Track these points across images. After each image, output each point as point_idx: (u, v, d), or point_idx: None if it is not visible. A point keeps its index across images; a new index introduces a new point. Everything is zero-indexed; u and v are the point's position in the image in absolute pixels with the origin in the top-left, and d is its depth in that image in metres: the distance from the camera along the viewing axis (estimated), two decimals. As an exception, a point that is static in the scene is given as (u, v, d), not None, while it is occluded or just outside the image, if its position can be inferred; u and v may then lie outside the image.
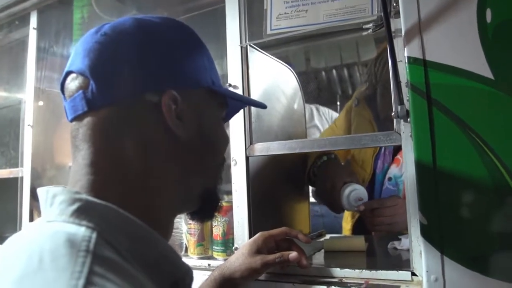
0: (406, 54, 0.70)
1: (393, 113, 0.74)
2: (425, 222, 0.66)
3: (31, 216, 1.32)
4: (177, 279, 0.49)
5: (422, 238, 0.67)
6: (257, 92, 0.98)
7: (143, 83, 0.51)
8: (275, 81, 1.13)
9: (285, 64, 1.21)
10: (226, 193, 1.01)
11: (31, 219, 1.31)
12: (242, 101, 0.72)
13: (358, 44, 2.38)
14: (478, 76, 0.66)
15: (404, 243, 0.94)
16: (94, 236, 0.40)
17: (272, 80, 1.11)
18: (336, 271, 0.79)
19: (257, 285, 0.81)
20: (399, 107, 0.72)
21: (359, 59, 2.44)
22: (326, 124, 2.20)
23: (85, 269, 0.36)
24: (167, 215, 0.54)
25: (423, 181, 0.68)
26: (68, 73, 0.52)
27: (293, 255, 0.77)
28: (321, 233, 1.18)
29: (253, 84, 0.96)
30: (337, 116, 2.26)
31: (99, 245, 0.39)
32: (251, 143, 0.93)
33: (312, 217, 1.27)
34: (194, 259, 0.99)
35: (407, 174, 0.73)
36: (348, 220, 1.40)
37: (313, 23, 0.89)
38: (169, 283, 0.48)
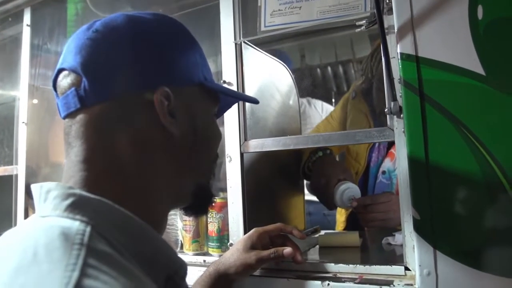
0: (399, 50, 0.71)
1: (386, 109, 0.74)
2: (418, 217, 0.67)
3: (26, 213, 1.31)
4: (171, 272, 0.49)
5: (415, 233, 0.67)
6: (251, 89, 0.99)
7: (136, 80, 0.51)
8: (270, 78, 1.13)
9: (279, 61, 1.22)
10: (221, 190, 1.02)
11: (26, 216, 1.31)
12: (234, 97, 0.72)
13: (352, 41, 2.39)
14: (469, 72, 0.66)
15: (397, 238, 0.95)
16: (88, 230, 0.41)
17: (266, 76, 1.11)
18: (330, 266, 0.79)
19: (252, 280, 0.82)
20: (392, 103, 0.72)
21: (354, 56, 2.45)
22: (317, 115, 2.20)
23: (80, 261, 0.37)
24: (161, 210, 0.55)
25: (415, 177, 0.68)
26: (60, 70, 0.53)
27: (288, 250, 0.77)
28: (316, 229, 1.18)
29: (247, 81, 0.96)
30: (329, 107, 2.27)
31: (93, 239, 0.40)
32: (245, 140, 0.93)
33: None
34: (189, 255, 0.99)
35: (400, 169, 0.73)
36: (342, 212, 1.40)
37: (306, 20, 0.89)
38: (163, 276, 0.48)
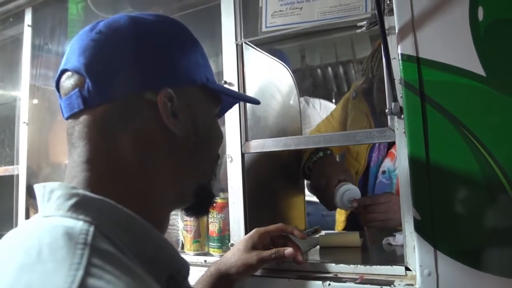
0: (399, 51, 0.71)
1: (387, 110, 0.74)
2: (419, 217, 0.67)
3: (27, 214, 1.32)
4: (173, 271, 0.50)
5: (415, 233, 0.67)
6: (252, 89, 0.99)
7: (139, 81, 0.51)
8: (270, 78, 1.13)
9: (280, 61, 1.22)
10: (221, 190, 1.02)
11: (27, 217, 1.31)
12: (235, 97, 0.72)
13: (353, 41, 2.39)
14: (470, 73, 0.66)
15: (398, 239, 0.95)
16: (91, 229, 0.41)
17: (267, 77, 1.11)
18: (331, 267, 0.79)
19: (253, 280, 0.82)
20: (393, 104, 0.72)
21: (354, 57, 2.45)
22: (316, 113, 2.20)
23: (84, 260, 0.37)
24: (163, 210, 0.55)
25: (416, 177, 0.68)
26: (63, 71, 0.53)
27: (289, 251, 0.77)
28: (317, 230, 1.19)
29: (248, 81, 0.96)
30: (327, 104, 2.27)
31: (96, 238, 0.40)
32: (246, 140, 0.93)
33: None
34: (190, 255, 0.99)
35: (400, 170, 0.74)
36: (341, 212, 1.40)
37: (307, 21, 0.90)
38: (166, 275, 0.48)
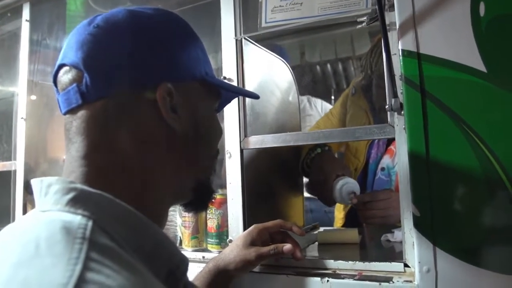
0: (400, 47, 0.70)
1: (387, 106, 0.74)
2: (418, 214, 0.67)
3: (25, 209, 1.31)
4: (173, 267, 0.49)
5: (414, 229, 0.67)
6: (251, 85, 0.98)
7: (137, 76, 0.50)
8: (270, 74, 1.13)
9: (279, 57, 1.21)
10: (220, 186, 1.01)
11: (24, 212, 1.30)
12: (235, 92, 0.71)
13: (353, 38, 2.39)
14: (471, 69, 0.66)
15: (397, 235, 0.95)
16: (90, 224, 0.40)
17: (266, 73, 1.11)
18: (330, 263, 0.79)
19: (251, 277, 0.82)
20: (393, 100, 0.72)
21: (354, 53, 2.45)
22: (317, 114, 2.20)
23: (82, 255, 0.36)
24: (162, 206, 0.55)
25: (416, 174, 0.68)
26: (60, 66, 0.52)
27: (287, 247, 0.77)
28: (315, 226, 1.18)
29: (247, 77, 0.96)
30: (328, 106, 2.27)
31: (95, 233, 0.39)
32: (245, 136, 0.93)
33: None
34: (188, 251, 0.98)
35: (400, 166, 0.73)
36: (340, 209, 1.40)
37: (308, 16, 0.89)
38: (165, 270, 0.48)
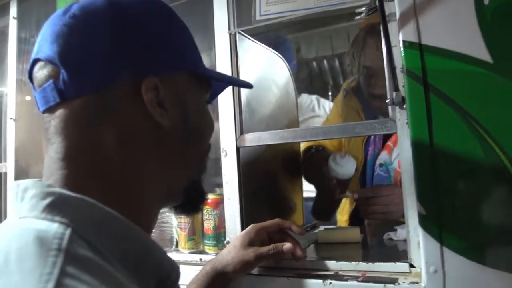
0: (401, 38, 0.68)
1: (388, 100, 0.72)
2: (424, 212, 0.64)
3: (16, 212, 1.28)
4: (163, 276, 0.46)
5: (420, 228, 0.64)
6: (247, 80, 0.95)
7: (119, 70, 0.46)
8: (266, 70, 1.10)
9: (276, 52, 1.18)
10: (217, 186, 0.99)
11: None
12: (226, 82, 0.67)
13: (349, 33, 2.36)
14: (476, 60, 0.63)
15: (400, 233, 0.92)
16: (67, 233, 0.37)
17: (263, 68, 1.08)
18: (331, 264, 0.77)
19: (250, 279, 0.79)
20: (394, 94, 0.70)
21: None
22: (324, 115, 2.19)
23: (56, 270, 0.33)
24: (150, 209, 0.51)
25: (420, 170, 0.65)
26: (35, 61, 0.48)
27: (287, 246, 0.75)
28: (315, 225, 1.16)
29: (242, 72, 0.93)
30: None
31: (73, 243, 0.36)
32: (241, 133, 0.90)
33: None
34: (185, 253, 0.96)
35: (403, 162, 0.71)
36: (343, 212, 1.38)
37: (303, 8, 0.86)
38: (154, 280, 0.45)
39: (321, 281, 0.72)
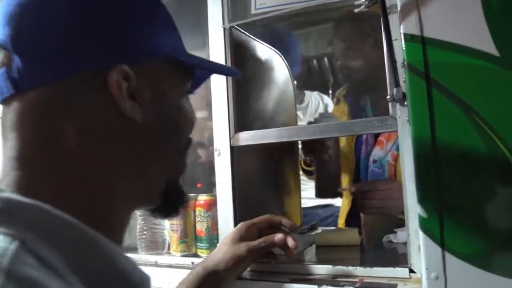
0: (402, 31, 0.64)
1: (388, 97, 0.69)
2: (425, 215, 0.61)
3: None
4: None
5: (421, 232, 0.61)
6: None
7: (83, 57, 0.41)
8: (263, 66, 1.07)
9: (273, 48, 1.15)
10: (211, 186, 0.96)
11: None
12: (211, 70, 0.60)
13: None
14: (482, 53, 0.60)
15: (399, 236, 0.89)
16: (12, 247, 0.32)
17: (259, 64, 1.04)
18: (328, 269, 0.74)
19: (242, 285, 0.76)
20: (395, 90, 0.67)
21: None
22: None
23: None
24: (120, 214, 0.45)
25: (422, 170, 0.62)
26: None
27: (279, 236, 0.73)
28: (314, 226, 1.12)
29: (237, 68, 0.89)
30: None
31: (18, 261, 0.31)
32: (235, 132, 0.87)
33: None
34: (177, 256, 0.93)
35: (404, 162, 0.68)
36: (342, 216, 1.35)
37: (301, 1, 0.83)
38: None
39: (316, 286, 0.69)
